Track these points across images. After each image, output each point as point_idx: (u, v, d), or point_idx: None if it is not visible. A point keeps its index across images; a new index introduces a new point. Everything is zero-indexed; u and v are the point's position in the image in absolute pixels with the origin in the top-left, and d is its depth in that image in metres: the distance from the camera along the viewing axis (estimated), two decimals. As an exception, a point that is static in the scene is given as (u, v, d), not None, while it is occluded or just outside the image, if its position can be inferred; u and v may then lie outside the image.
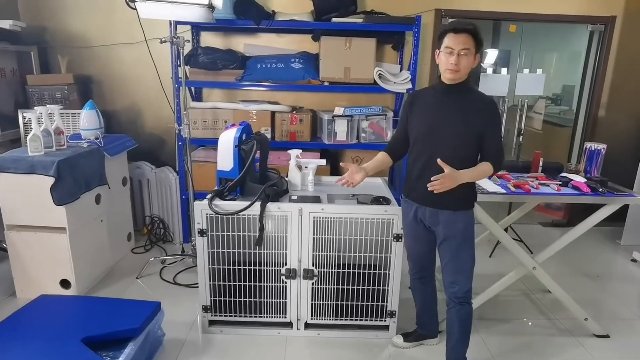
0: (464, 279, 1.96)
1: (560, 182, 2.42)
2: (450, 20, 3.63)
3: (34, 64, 3.53)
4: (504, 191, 2.30)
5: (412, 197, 2.03)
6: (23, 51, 3.46)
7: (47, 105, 2.68)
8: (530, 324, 2.62)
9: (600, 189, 2.30)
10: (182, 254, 3.24)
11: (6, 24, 3.19)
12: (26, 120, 3.14)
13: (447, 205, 1.90)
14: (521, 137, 3.55)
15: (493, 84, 3.62)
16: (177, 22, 3.08)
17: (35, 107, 2.59)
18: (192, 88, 3.55)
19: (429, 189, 1.80)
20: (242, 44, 3.55)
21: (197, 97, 3.64)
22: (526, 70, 3.81)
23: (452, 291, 1.99)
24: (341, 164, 2.43)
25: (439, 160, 1.81)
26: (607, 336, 2.48)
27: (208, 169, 3.23)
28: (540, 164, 2.65)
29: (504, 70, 4.01)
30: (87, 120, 2.91)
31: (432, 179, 1.79)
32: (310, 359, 2.26)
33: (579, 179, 2.44)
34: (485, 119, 1.84)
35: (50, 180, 2.45)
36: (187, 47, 3.17)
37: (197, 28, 3.50)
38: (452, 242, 1.94)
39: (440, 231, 1.95)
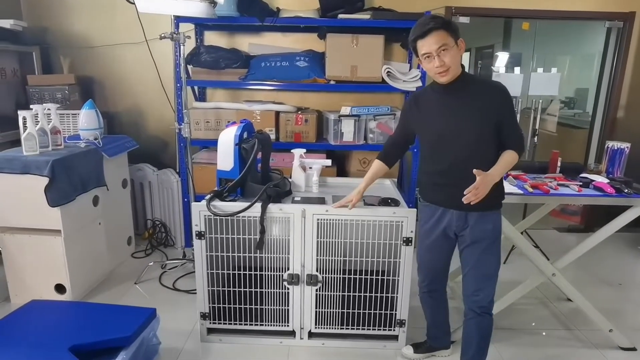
0: (489, 286, 1.82)
1: (581, 183, 2.27)
2: (462, 18, 3.52)
3: (36, 64, 3.47)
4: (521, 192, 2.16)
5: (435, 201, 1.87)
6: (25, 51, 3.40)
7: (44, 104, 2.60)
8: (545, 334, 2.46)
9: (626, 190, 2.14)
10: (183, 259, 3.13)
11: (7, 23, 3.15)
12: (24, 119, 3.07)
13: (476, 206, 1.71)
14: (536, 137, 3.40)
15: (505, 84, 3.48)
16: (179, 20, 3.00)
17: (31, 106, 2.52)
18: (196, 88, 3.47)
19: (464, 202, 1.64)
20: (246, 43, 3.47)
21: (201, 97, 3.56)
22: (540, 70, 3.66)
23: (474, 300, 1.83)
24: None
25: (474, 170, 1.62)
26: (634, 349, 2.31)
27: (211, 171, 3.11)
28: (558, 164, 2.50)
29: (516, 70, 3.87)
30: (86, 120, 2.83)
31: (465, 192, 1.63)
32: (313, 370, 2.13)
33: (601, 179, 2.29)
34: (496, 106, 1.69)
35: (45, 181, 2.37)
36: (189, 45, 3.09)
37: (200, 27, 3.42)
38: (479, 246, 1.79)
39: (468, 235, 1.80)
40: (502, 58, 4.17)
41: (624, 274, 3.22)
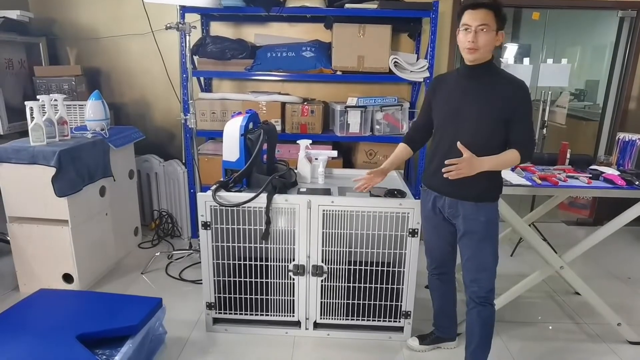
0: (486, 278, 1.80)
1: (591, 175, 2.24)
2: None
3: (43, 55, 3.48)
4: (530, 184, 2.13)
5: (432, 186, 1.88)
6: (31, 42, 3.41)
7: (51, 94, 2.60)
8: (550, 327, 2.44)
9: (637, 182, 2.11)
10: (190, 249, 3.14)
11: (13, 14, 3.14)
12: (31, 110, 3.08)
13: (469, 196, 1.75)
14: (545, 129, 3.35)
15: (513, 74, 3.42)
16: (185, 10, 2.98)
17: (38, 97, 2.52)
18: (202, 79, 3.46)
19: (444, 175, 1.65)
20: (252, 34, 3.44)
21: (207, 88, 3.55)
22: (550, 61, 3.60)
23: (472, 290, 1.83)
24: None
25: (458, 143, 1.65)
26: (642, 343, 2.29)
27: (217, 162, 3.12)
28: (568, 156, 2.46)
29: (525, 61, 3.81)
30: (92, 111, 2.83)
31: (446, 162, 1.64)
32: (319, 361, 2.13)
33: (611, 171, 2.26)
34: (511, 103, 1.67)
35: (52, 171, 2.38)
36: (195, 35, 3.07)
37: (206, 18, 3.40)
38: (473, 237, 1.78)
39: (460, 224, 1.80)
40: (511, 49, 4.11)
41: (634, 268, 3.19)
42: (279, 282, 2.22)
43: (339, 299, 2.23)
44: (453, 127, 1.75)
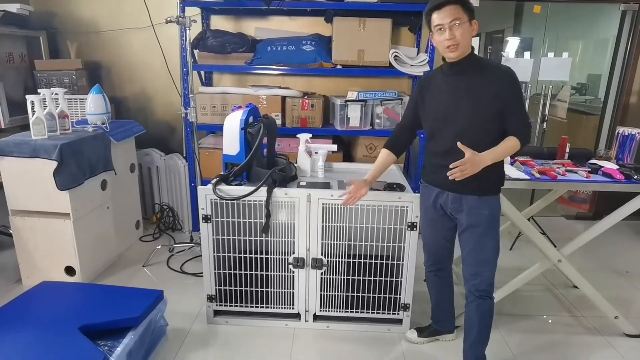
0: (487, 271, 1.81)
1: (590, 169, 2.25)
2: (472, 0, 3.45)
3: (43, 49, 3.49)
4: (528, 177, 2.14)
5: (434, 182, 1.88)
6: (32, 36, 3.41)
7: (51, 88, 2.61)
8: (550, 321, 2.46)
9: (635, 177, 2.11)
10: (191, 242, 3.17)
11: (13, 7, 3.14)
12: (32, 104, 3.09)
13: (472, 190, 1.75)
14: (545, 123, 3.35)
15: (514, 69, 3.41)
16: (185, 4, 2.98)
17: (39, 90, 2.53)
18: (202, 73, 3.46)
19: (449, 177, 1.65)
20: (253, 27, 3.44)
21: (208, 82, 3.55)
22: (551, 54, 3.60)
23: (473, 283, 1.84)
24: (344, 180, 2.21)
25: (459, 143, 1.65)
26: (639, 336, 2.30)
27: (218, 155, 3.13)
28: (567, 150, 2.47)
29: (526, 55, 3.80)
30: (93, 105, 2.84)
31: (450, 166, 1.64)
32: (318, 352, 2.15)
33: (610, 165, 2.26)
34: (501, 93, 1.65)
35: (53, 165, 2.39)
36: (195, 29, 3.06)
37: (207, 11, 3.39)
38: (476, 231, 1.79)
39: (464, 219, 1.80)
40: (512, 43, 4.09)
41: (632, 262, 3.20)
42: (279, 275, 2.24)
43: (338, 292, 2.25)
44: (450, 125, 1.75)
